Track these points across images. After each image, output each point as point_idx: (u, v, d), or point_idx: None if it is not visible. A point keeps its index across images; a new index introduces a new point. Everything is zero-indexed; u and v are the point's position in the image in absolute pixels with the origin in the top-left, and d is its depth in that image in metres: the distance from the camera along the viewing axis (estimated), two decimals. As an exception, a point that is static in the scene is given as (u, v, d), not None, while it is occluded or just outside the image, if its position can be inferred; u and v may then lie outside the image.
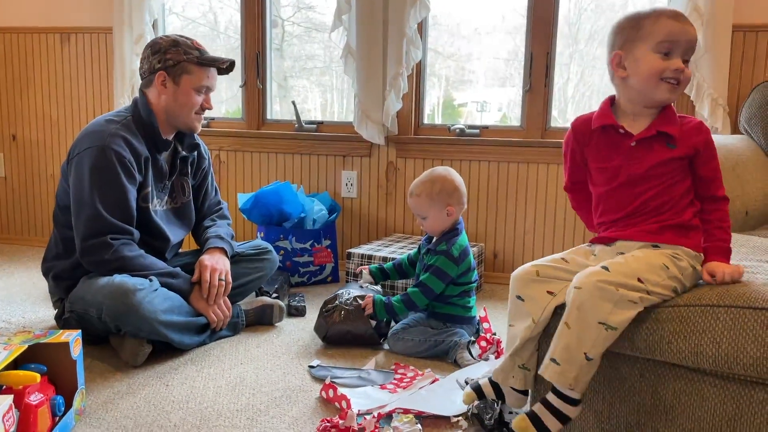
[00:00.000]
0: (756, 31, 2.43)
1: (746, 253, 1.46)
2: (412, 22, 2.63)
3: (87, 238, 1.87)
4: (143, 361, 1.85)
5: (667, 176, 1.31)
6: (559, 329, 1.23)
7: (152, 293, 1.83)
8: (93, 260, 1.87)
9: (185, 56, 1.99)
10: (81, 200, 1.88)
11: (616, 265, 1.23)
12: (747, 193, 1.91)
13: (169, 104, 2.01)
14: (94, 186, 1.87)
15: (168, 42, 2.00)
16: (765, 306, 1.11)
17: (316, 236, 2.69)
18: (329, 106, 3.20)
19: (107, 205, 1.87)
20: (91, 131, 1.94)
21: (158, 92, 2.00)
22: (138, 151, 1.95)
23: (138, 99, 2.03)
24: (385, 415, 1.52)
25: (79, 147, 1.92)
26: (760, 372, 1.09)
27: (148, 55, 2.01)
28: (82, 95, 3.19)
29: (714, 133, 2.37)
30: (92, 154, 1.88)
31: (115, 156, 1.87)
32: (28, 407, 1.34)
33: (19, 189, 3.37)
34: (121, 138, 1.91)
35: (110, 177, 1.88)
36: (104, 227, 1.87)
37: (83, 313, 1.85)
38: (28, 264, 2.96)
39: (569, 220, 2.69)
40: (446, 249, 1.93)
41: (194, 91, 2.02)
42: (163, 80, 1.99)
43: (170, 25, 3.22)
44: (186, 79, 2.00)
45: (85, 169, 1.88)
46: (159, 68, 1.98)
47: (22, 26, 3.21)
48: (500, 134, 2.78)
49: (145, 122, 1.99)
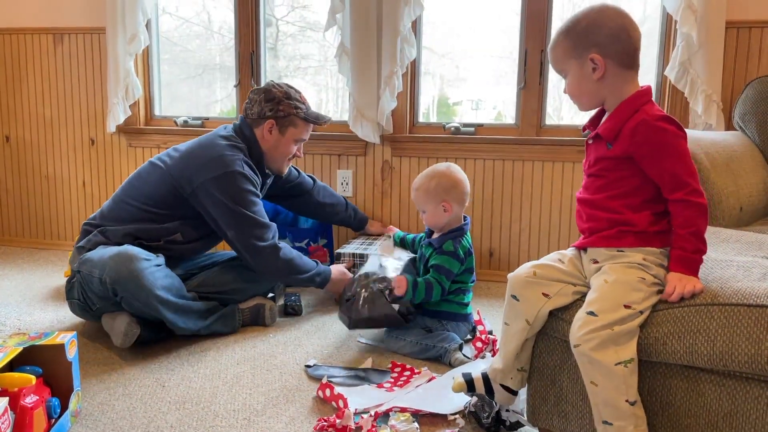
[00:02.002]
0: (749, 28, 2.44)
1: (740, 249, 1.46)
2: (406, 21, 2.63)
3: (258, 245, 2.07)
4: (131, 343, 1.88)
5: (610, 175, 1.28)
6: (590, 391, 1.21)
7: (155, 267, 1.91)
8: (268, 265, 2.11)
9: (295, 110, 2.21)
10: (233, 216, 2.07)
11: (600, 303, 1.20)
12: (741, 189, 1.91)
13: (269, 149, 2.23)
14: (240, 203, 2.07)
15: (282, 93, 2.21)
16: (758, 303, 1.12)
17: (312, 235, 2.69)
18: (324, 105, 3.20)
19: (258, 213, 2.10)
20: (217, 156, 2.10)
21: (262, 136, 2.22)
22: (256, 177, 2.18)
23: (248, 133, 2.21)
24: (382, 413, 1.52)
25: (206, 173, 2.07)
26: (755, 368, 1.09)
27: (261, 100, 2.21)
28: (76, 95, 3.18)
29: (708, 129, 2.39)
30: (227, 180, 2.07)
31: (245, 178, 2.10)
32: (24, 409, 1.33)
33: (13, 190, 3.35)
34: (246, 164, 2.13)
35: (248, 194, 2.09)
36: (265, 228, 2.09)
37: (87, 274, 1.92)
38: (23, 265, 2.95)
39: (564, 218, 2.70)
40: (453, 250, 1.95)
41: (294, 142, 2.25)
42: (271, 128, 2.21)
43: (164, 25, 3.21)
44: (291, 131, 2.22)
45: (225, 193, 2.06)
46: (269, 116, 2.19)
47: (15, 27, 3.19)
48: (495, 132, 2.78)
49: (256, 154, 2.21)
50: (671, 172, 1.23)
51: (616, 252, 1.27)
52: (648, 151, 1.23)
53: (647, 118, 1.23)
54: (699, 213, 1.23)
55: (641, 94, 1.28)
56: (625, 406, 1.18)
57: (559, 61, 1.33)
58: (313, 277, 2.20)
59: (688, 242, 1.22)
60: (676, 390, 1.20)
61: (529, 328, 1.32)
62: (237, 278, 2.20)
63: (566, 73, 1.34)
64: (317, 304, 2.43)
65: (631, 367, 1.17)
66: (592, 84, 1.29)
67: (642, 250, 1.25)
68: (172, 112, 3.14)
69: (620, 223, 1.27)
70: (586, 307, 1.22)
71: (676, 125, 1.25)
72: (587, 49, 1.27)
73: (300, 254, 2.19)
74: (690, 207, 1.22)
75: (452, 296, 1.99)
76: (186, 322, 1.97)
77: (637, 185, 1.27)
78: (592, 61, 1.27)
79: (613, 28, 1.26)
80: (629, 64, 1.28)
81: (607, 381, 1.18)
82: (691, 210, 1.22)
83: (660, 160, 1.23)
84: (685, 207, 1.22)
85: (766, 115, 2.17)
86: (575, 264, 1.35)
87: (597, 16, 1.28)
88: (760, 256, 1.39)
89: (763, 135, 2.18)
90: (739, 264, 1.31)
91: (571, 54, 1.30)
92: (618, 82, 1.28)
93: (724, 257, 1.37)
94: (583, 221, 1.35)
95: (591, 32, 1.27)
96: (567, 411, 1.34)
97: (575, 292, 1.30)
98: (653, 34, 2.60)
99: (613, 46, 1.26)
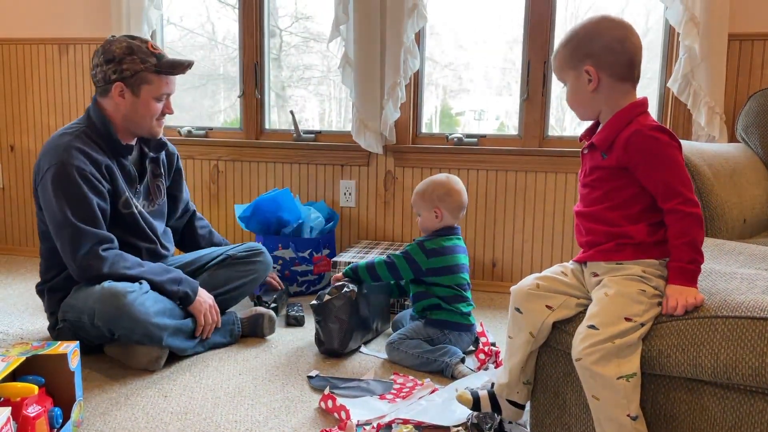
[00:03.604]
0: (752, 40, 2.44)
1: (744, 261, 1.46)
2: (409, 32, 2.64)
3: (77, 256, 1.84)
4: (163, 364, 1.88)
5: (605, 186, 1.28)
6: (592, 405, 1.21)
7: (143, 295, 1.83)
8: (92, 276, 1.85)
9: (143, 65, 1.91)
10: (57, 222, 1.86)
11: (601, 317, 1.20)
12: (744, 201, 1.91)
13: (129, 114, 1.95)
14: (64, 204, 1.83)
15: (122, 49, 1.91)
16: (763, 315, 1.11)
17: (315, 245, 2.69)
18: (327, 115, 3.21)
19: (82, 219, 1.84)
20: (47, 149, 1.90)
21: (116, 103, 1.94)
22: (98, 161, 1.90)
23: (91, 108, 1.98)
24: (385, 425, 1.52)
25: (41, 169, 1.89)
26: (759, 382, 1.09)
27: (101, 62, 1.92)
28: (81, 105, 3.19)
29: (711, 141, 2.39)
30: (53, 173, 1.84)
31: (75, 170, 1.84)
32: (26, 419, 1.33)
33: (18, 199, 3.36)
34: (77, 150, 1.87)
35: (75, 191, 1.84)
36: (88, 239, 1.84)
37: (76, 320, 1.85)
38: (26, 275, 2.95)
39: (567, 229, 2.70)
40: (422, 240, 2.04)
41: (155, 100, 1.96)
42: (121, 91, 1.93)
43: (168, 35, 3.23)
44: (146, 89, 1.94)
45: (50, 190, 1.85)
46: (115, 79, 1.91)
47: (20, 37, 3.22)
48: (498, 143, 2.78)
49: (101, 131, 1.94)
50: (664, 182, 1.22)
51: (615, 265, 1.26)
52: (641, 160, 1.23)
53: (640, 128, 1.23)
54: (693, 222, 1.21)
55: (636, 105, 1.28)
56: (627, 421, 1.17)
57: (559, 71, 1.34)
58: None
59: (683, 253, 1.21)
60: (680, 403, 1.19)
61: (533, 340, 1.32)
62: (230, 278, 2.18)
63: (566, 82, 1.35)
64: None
65: (633, 382, 1.16)
66: (587, 95, 1.30)
67: (641, 263, 1.25)
68: (176, 122, 3.15)
69: (618, 236, 1.26)
70: (586, 321, 1.22)
71: (670, 135, 1.24)
72: (582, 61, 1.27)
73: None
74: (684, 217, 1.21)
75: (446, 304, 1.99)
76: (186, 342, 1.94)
77: (632, 195, 1.26)
78: (587, 72, 1.27)
79: (608, 40, 1.26)
80: (624, 76, 1.27)
81: (609, 395, 1.17)
82: (685, 220, 1.21)
83: (653, 170, 1.23)
84: (679, 217, 1.21)
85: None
86: (577, 277, 1.35)
87: (593, 27, 1.28)
88: (763, 269, 1.38)
89: (766, 147, 2.18)
90: (743, 276, 1.31)
91: (569, 64, 1.30)
92: (613, 94, 1.28)
93: (728, 269, 1.37)
94: (582, 235, 1.34)
95: (586, 43, 1.27)
96: (570, 423, 1.33)
97: (578, 304, 1.30)
98: (656, 46, 2.61)
99: (606, 57, 1.26)
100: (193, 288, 1.98)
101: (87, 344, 1.90)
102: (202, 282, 2.12)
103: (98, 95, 1.98)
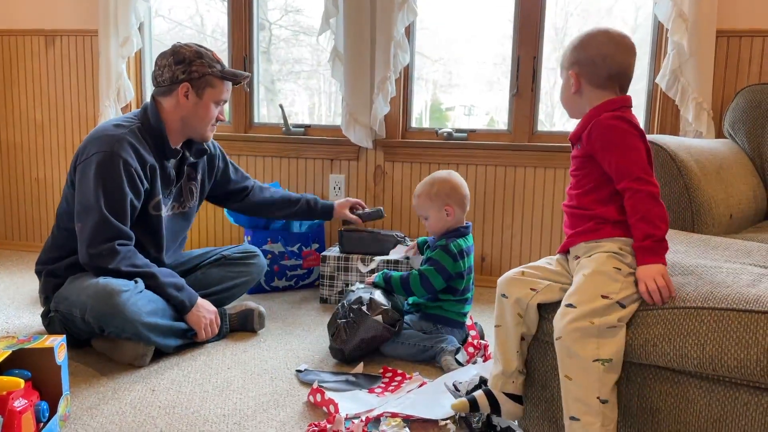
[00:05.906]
0: (739, 36, 2.46)
1: (730, 256, 1.47)
2: (399, 26, 2.63)
3: (94, 244, 1.85)
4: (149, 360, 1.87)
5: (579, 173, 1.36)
6: (563, 385, 1.23)
7: (137, 295, 1.82)
8: (99, 267, 1.85)
9: (210, 69, 1.99)
10: (87, 205, 1.87)
11: (578, 295, 1.23)
12: (731, 197, 1.93)
13: (188, 115, 2.01)
14: (101, 191, 1.85)
15: (192, 53, 1.98)
16: (748, 308, 1.12)
17: (305, 239, 2.69)
18: (317, 109, 3.20)
19: (112, 210, 1.86)
20: (99, 136, 1.93)
21: (177, 102, 1.99)
22: (144, 159, 1.94)
23: (148, 106, 2.01)
24: (373, 419, 1.52)
25: (87, 152, 1.90)
26: (744, 374, 1.10)
27: (170, 63, 1.98)
28: (67, 98, 3.17)
29: (698, 137, 2.40)
30: (99, 160, 1.86)
31: (122, 163, 1.87)
32: (12, 413, 1.32)
33: (3, 192, 3.33)
34: (129, 144, 1.90)
35: (116, 183, 1.87)
36: (111, 233, 1.86)
37: (67, 313, 1.85)
38: (12, 268, 2.92)
39: (556, 224, 2.71)
40: (445, 244, 1.96)
41: (213, 104, 2.04)
42: (186, 92, 1.98)
43: (156, 28, 3.20)
44: (209, 93, 2.01)
45: (91, 174, 1.87)
46: (183, 79, 1.97)
47: (6, 28, 3.18)
48: (487, 138, 2.79)
49: (154, 130, 1.99)
50: (616, 163, 1.27)
51: (594, 243, 1.30)
52: (599, 146, 1.30)
53: (600, 119, 1.31)
54: (643, 198, 1.25)
55: (610, 102, 1.34)
56: (596, 402, 1.19)
57: (560, 68, 1.44)
58: None
59: (638, 231, 1.25)
60: (666, 396, 1.20)
61: (522, 321, 1.33)
62: (223, 278, 2.19)
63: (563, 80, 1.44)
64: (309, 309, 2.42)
65: (608, 367, 1.18)
66: (570, 95, 1.40)
67: (618, 240, 1.28)
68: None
69: (594, 217, 1.31)
70: (564, 301, 1.25)
71: (627, 122, 1.30)
72: (570, 65, 1.38)
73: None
74: (634, 194, 1.25)
75: (449, 305, 1.99)
76: (175, 340, 1.93)
77: (600, 180, 1.32)
78: (570, 76, 1.38)
79: (593, 54, 1.34)
80: (603, 85, 1.35)
81: (582, 376, 1.19)
82: (636, 196, 1.25)
83: (607, 153, 1.29)
84: (630, 194, 1.26)
85: (756, 124, 2.19)
86: (563, 265, 1.38)
87: (588, 38, 1.36)
88: (749, 263, 1.40)
89: (752, 143, 2.20)
90: (729, 270, 1.32)
91: (564, 65, 1.41)
92: (593, 97, 1.36)
93: (714, 264, 1.38)
94: (568, 227, 1.39)
95: (577, 51, 1.37)
96: (558, 416, 1.34)
97: (562, 289, 1.32)
98: (645, 42, 2.62)
99: (588, 68, 1.35)
100: (191, 299, 1.97)
101: (75, 338, 1.89)
102: (196, 281, 2.13)
103: (159, 95, 2.02)
